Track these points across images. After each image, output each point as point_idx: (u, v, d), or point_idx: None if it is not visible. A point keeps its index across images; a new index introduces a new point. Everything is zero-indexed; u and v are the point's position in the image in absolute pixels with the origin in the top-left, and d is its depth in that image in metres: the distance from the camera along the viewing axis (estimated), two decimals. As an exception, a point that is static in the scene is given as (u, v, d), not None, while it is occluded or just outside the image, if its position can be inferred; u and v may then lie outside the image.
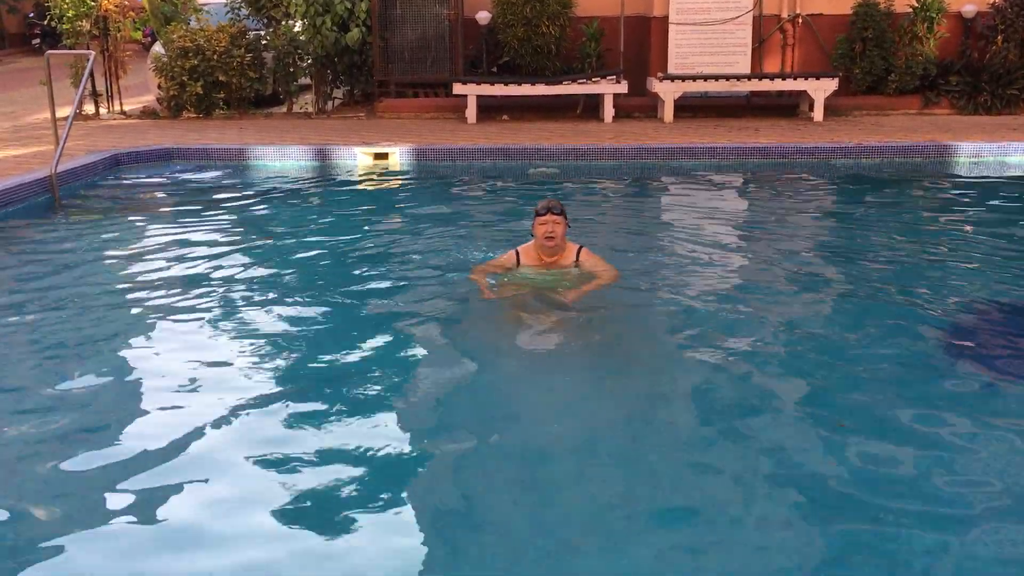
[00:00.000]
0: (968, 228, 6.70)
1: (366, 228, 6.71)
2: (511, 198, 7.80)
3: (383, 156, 9.04)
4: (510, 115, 11.80)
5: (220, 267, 5.55)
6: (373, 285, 5.27)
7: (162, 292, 5.12)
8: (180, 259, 5.74)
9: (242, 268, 5.55)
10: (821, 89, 11.14)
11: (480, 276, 5.04)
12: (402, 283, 5.30)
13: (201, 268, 5.53)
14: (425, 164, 9.03)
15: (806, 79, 11.25)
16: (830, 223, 7.08)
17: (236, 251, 5.94)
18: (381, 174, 8.71)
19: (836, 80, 11.19)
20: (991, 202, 7.57)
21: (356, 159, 9.04)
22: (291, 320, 4.68)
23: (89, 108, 12.23)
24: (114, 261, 5.83)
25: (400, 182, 8.51)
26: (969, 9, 11.74)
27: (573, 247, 4.99)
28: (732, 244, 6.15)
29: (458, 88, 11.38)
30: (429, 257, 5.73)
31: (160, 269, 5.56)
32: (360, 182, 8.48)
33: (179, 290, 5.14)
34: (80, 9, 11.91)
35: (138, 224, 6.76)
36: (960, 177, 8.52)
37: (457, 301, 4.93)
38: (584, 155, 9.11)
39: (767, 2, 11.95)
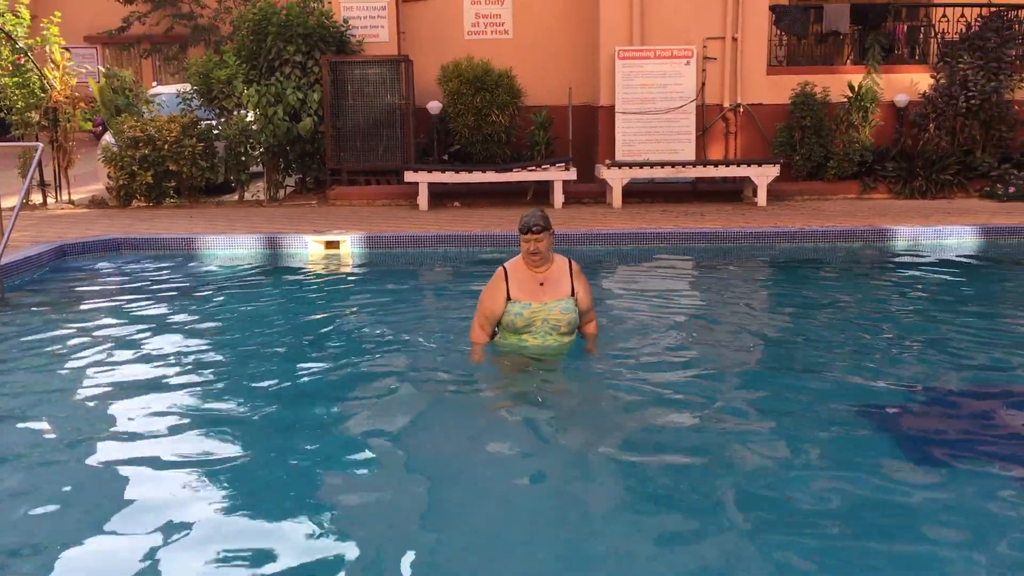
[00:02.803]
0: (906, 311, 6.87)
1: (317, 317, 6.69)
2: (463, 284, 7.83)
3: (335, 244, 9.06)
4: (461, 202, 11.96)
5: (168, 359, 5.47)
6: (325, 374, 5.23)
7: (109, 386, 5.02)
8: (127, 352, 5.65)
9: (191, 360, 5.47)
10: (763, 175, 11.48)
11: (480, 336, 5.16)
12: (355, 372, 5.27)
13: (149, 360, 5.45)
14: (377, 252, 9.07)
15: (749, 166, 11.59)
16: (774, 306, 7.21)
17: (185, 343, 5.87)
18: (332, 262, 8.72)
19: (778, 166, 11.54)
20: (928, 285, 7.78)
21: (307, 247, 9.04)
22: (244, 412, 4.61)
23: (37, 198, 12.14)
24: (59, 354, 5.70)
25: (352, 270, 8.52)
26: (901, 99, 12.26)
27: (564, 259, 5.16)
28: (679, 328, 6.22)
29: (409, 176, 11.53)
30: (382, 344, 5.71)
31: (107, 362, 5.46)
32: (312, 271, 8.47)
33: (127, 383, 5.04)
34: (30, 100, 11.92)
35: (84, 316, 6.66)
36: (898, 260, 8.76)
37: (412, 387, 4.91)
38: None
39: (709, 92, 12.38)
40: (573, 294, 5.08)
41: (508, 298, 5.02)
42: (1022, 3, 12.57)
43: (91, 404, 4.79)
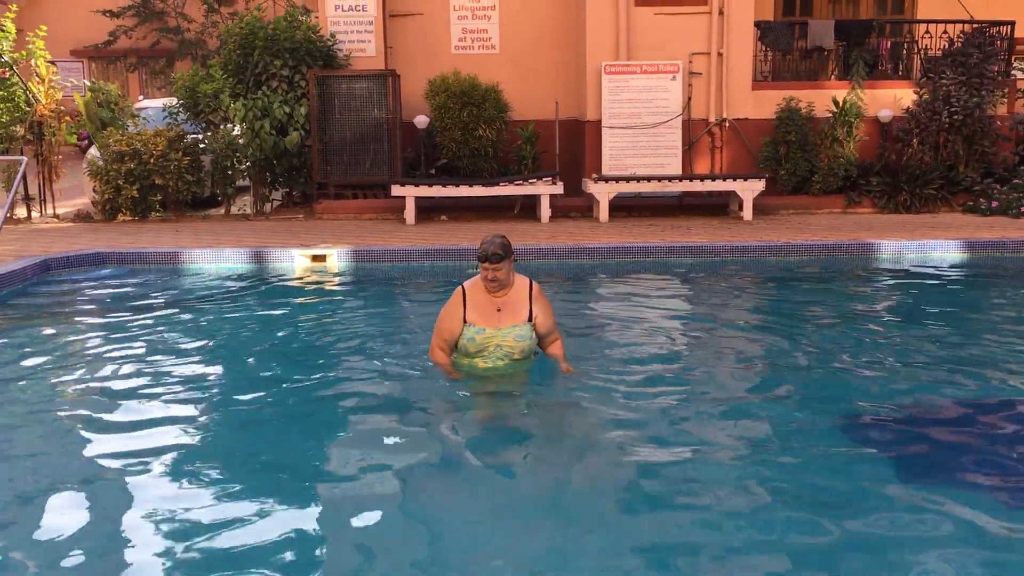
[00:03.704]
0: (890, 324, 6.90)
1: (303, 331, 6.66)
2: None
3: (321, 258, 9.04)
4: (448, 216, 11.96)
5: (153, 373, 5.45)
6: (310, 388, 5.21)
7: (93, 400, 4.99)
8: (111, 365, 5.62)
9: (176, 374, 5.45)
10: (749, 189, 11.53)
11: (442, 357, 5.08)
12: (339, 386, 5.25)
13: (133, 375, 5.42)
14: (363, 266, 9.05)
15: (734, 180, 11.64)
16: (759, 320, 7.23)
17: (170, 357, 5.83)
18: (319, 276, 8.70)
19: (763, 181, 11.60)
20: (912, 298, 7.83)
21: (293, 261, 9.02)
22: (226, 425, 4.59)
23: (21, 212, 12.07)
24: (43, 368, 5.67)
25: (338, 284, 8.50)
26: (885, 114, 12.36)
27: (524, 281, 5.05)
28: (666, 342, 6.24)
29: (396, 190, 11.53)
30: (368, 360, 5.70)
31: (90, 376, 5.43)
32: (298, 285, 8.44)
33: (110, 397, 5.01)
34: (15, 115, 11.86)
35: (68, 330, 6.62)
36: (883, 274, 8.81)
37: (394, 403, 4.90)
38: (521, 255, 9.20)
39: (695, 107, 12.44)
40: (531, 319, 5.01)
41: (464, 321, 4.97)
42: (1003, 20, 12.71)
43: (74, 418, 4.75)
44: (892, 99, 12.54)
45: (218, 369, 5.64)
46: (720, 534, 3.52)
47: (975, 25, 12.58)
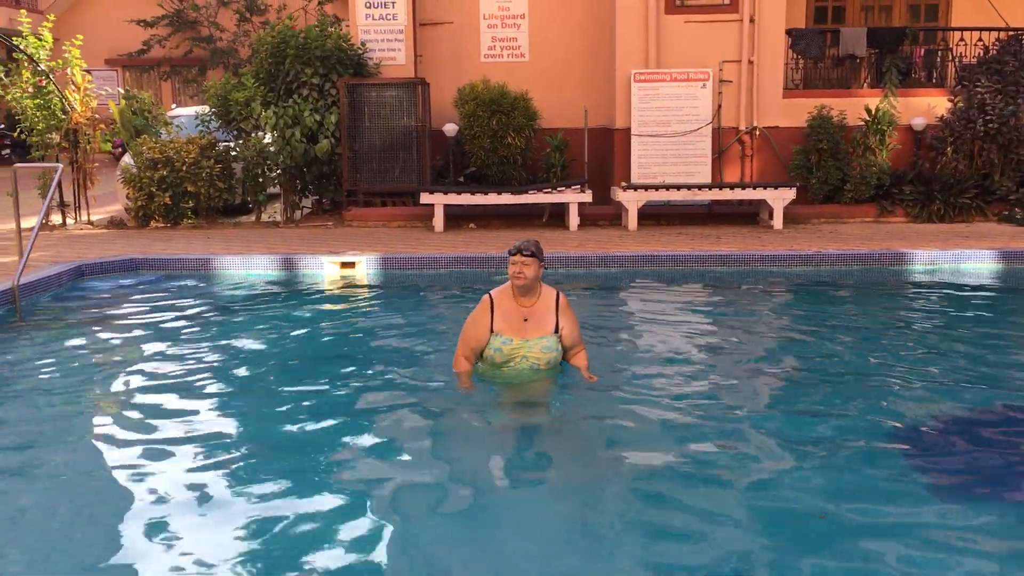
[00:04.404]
0: (924, 335, 6.81)
1: (331, 338, 6.69)
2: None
3: (350, 265, 9.08)
4: (477, 223, 11.97)
5: (184, 378, 5.49)
6: (336, 395, 5.23)
7: (125, 405, 5.04)
8: (144, 370, 5.67)
9: (207, 379, 5.49)
10: (780, 198, 11.44)
11: (463, 365, 5.07)
12: (366, 392, 5.27)
13: (165, 379, 5.47)
14: (392, 273, 9.09)
15: (765, 188, 11.55)
16: (790, 330, 7.16)
17: (201, 362, 5.88)
18: (348, 283, 8.74)
19: (794, 190, 11.50)
20: (946, 309, 7.72)
21: (323, 268, 9.07)
22: (256, 430, 4.61)
23: (56, 219, 12.24)
24: (77, 373, 5.74)
25: (367, 291, 8.53)
26: (919, 122, 12.22)
27: (551, 292, 5.04)
28: (695, 351, 6.20)
29: (425, 197, 11.56)
30: (395, 366, 5.71)
31: (124, 380, 5.49)
32: (327, 291, 8.49)
33: (143, 403, 5.06)
34: (51, 122, 12.04)
35: (101, 335, 6.69)
36: (916, 284, 8.70)
37: (422, 410, 4.90)
38: (549, 263, 9.19)
39: (725, 115, 12.38)
40: (557, 331, 5.00)
41: (491, 330, 4.96)
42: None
43: (108, 422, 4.80)
44: (926, 107, 12.41)
45: (246, 376, 5.67)
46: (753, 545, 3.48)
47: (1011, 32, 12.41)
